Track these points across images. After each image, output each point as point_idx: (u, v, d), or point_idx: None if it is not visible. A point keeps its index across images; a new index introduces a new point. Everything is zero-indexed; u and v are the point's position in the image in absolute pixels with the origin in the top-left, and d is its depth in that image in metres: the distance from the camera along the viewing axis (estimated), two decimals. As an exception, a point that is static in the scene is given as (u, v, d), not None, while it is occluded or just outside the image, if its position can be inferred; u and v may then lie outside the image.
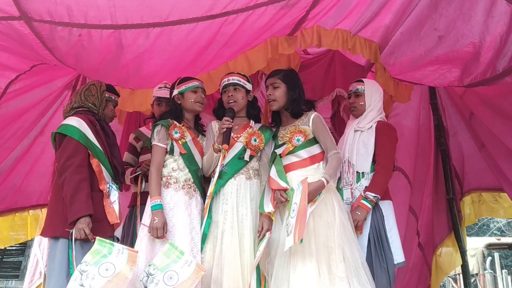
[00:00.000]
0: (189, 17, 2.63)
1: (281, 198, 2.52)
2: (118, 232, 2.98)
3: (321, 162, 2.65)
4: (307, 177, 2.48)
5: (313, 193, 2.44)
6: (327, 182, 2.49)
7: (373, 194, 2.66)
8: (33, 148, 3.73)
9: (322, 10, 2.98)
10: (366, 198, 2.67)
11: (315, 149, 2.67)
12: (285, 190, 2.54)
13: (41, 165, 3.87)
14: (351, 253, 2.39)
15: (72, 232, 2.38)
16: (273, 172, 2.61)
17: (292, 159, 2.68)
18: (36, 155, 3.77)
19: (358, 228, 2.64)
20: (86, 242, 2.42)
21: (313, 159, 2.66)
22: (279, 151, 2.70)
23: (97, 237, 2.36)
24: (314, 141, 2.68)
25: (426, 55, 3.23)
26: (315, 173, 2.62)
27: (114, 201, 2.58)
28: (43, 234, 2.62)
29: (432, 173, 4.25)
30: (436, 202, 4.23)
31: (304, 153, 2.66)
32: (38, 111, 3.53)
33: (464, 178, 4.34)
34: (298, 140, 2.66)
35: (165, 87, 3.19)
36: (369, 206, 2.65)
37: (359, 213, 2.64)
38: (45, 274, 3.93)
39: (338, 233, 2.42)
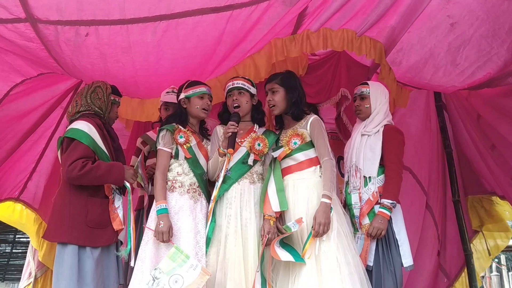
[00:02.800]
0: (194, 8, 2.63)
1: (275, 233, 2.53)
2: (121, 236, 2.98)
3: (318, 166, 2.64)
4: (301, 217, 2.49)
5: (326, 216, 2.42)
6: (329, 197, 2.47)
7: (390, 201, 2.65)
8: (23, 146, 3.71)
9: (326, 12, 2.99)
10: (383, 206, 2.65)
11: (312, 152, 2.66)
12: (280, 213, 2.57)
13: (23, 162, 3.86)
14: (345, 258, 2.38)
15: (127, 187, 2.64)
16: (272, 190, 2.60)
17: (289, 162, 2.68)
18: (22, 153, 3.75)
19: (380, 237, 2.64)
20: (96, 249, 2.46)
21: (310, 162, 2.65)
22: (275, 154, 2.71)
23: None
24: (311, 144, 2.67)
25: (436, 47, 3.18)
26: (311, 176, 2.62)
27: (118, 206, 2.60)
28: (48, 238, 2.62)
29: (442, 175, 4.23)
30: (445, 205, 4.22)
31: (301, 156, 2.66)
32: (40, 113, 3.53)
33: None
34: (295, 143, 2.66)
35: (173, 91, 3.19)
36: (388, 213, 2.64)
37: (381, 222, 2.62)
38: (35, 275, 3.96)
39: (333, 239, 2.43)
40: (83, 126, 2.56)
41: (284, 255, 2.41)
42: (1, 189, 3.87)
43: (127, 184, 2.63)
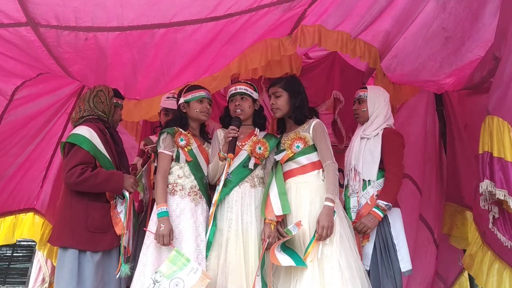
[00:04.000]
0: (194, 18, 2.66)
1: (276, 237, 2.52)
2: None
3: (320, 169, 2.64)
4: (300, 220, 2.49)
5: (329, 220, 2.42)
6: (332, 200, 2.47)
7: (385, 203, 2.64)
8: (32, 153, 3.75)
9: (321, 9, 2.99)
10: (377, 207, 2.65)
11: (315, 156, 2.66)
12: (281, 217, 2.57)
13: (35, 170, 3.90)
14: (347, 262, 2.38)
15: (126, 197, 2.58)
16: (274, 194, 2.60)
17: (292, 165, 2.68)
18: (32, 160, 3.79)
19: (366, 234, 2.63)
20: (96, 253, 2.46)
21: (313, 166, 2.65)
22: (278, 157, 2.71)
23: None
24: (314, 148, 2.67)
25: (429, 59, 3.19)
26: (314, 180, 2.62)
27: (121, 211, 2.60)
28: (51, 242, 2.64)
29: (440, 180, 4.22)
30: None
31: (304, 160, 2.66)
32: (45, 118, 3.55)
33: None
34: (297, 146, 2.66)
35: (173, 97, 3.22)
36: (381, 214, 2.63)
37: (371, 220, 2.62)
38: (49, 281, 3.97)
39: (335, 243, 2.43)
40: (84, 131, 2.57)
41: (284, 260, 2.41)
42: (16, 198, 3.90)
43: (126, 193, 2.61)
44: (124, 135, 3.85)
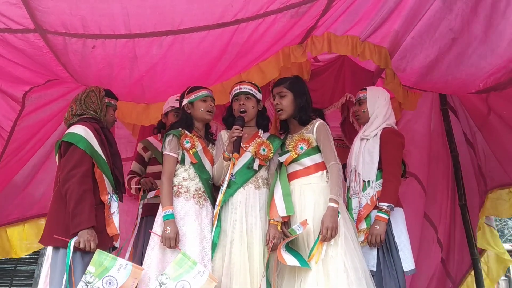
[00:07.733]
0: (201, 25, 2.65)
1: (281, 238, 2.52)
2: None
3: (324, 171, 2.63)
4: (306, 219, 2.49)
5: (333, 221, 2.42)
6: (336, 202, 2.47)
7: (387, 204, 2.63)
8: (52, 157, 3.70)
9: (331, 17, 2.99)
10: (380, 210, 2.64)
11: (318, 157, 2.66)
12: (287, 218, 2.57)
13: None
14: (352, 263, 2.38)
15: (71, 242, 2.34)
16: (278, 195, 2.60)
17: (296, 167, 2.68)
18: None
19: (380, 242, 2.61)
20: (86, 253, 2.39)
21: (317, 167, 2.65)
22: (282, 159, 2.71)
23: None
24: (318, 149, 2.67)
25: (438, 60, 3.18)
26: (318, 181, 2.62)
27: (114, 212, 2.57)
28: (42, 242, 2.57)
29: (446, 179, 4.22)
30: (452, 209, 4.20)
31: (307, 161, 2.66)
32: (57, 122, 3.56)
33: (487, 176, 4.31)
34: (301, 148, 2.66)
35: None
36: (386, 217, 2.62)
37: (378, 227, 2.61)
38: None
39: (340, 244, 2.42)
40: (80, 130, 2.54)
41: (290, 260, 2.41)
42: (40, 203, 3.91)
43: (72, 240, 2.36)
44: (120, 129, 3.85)
